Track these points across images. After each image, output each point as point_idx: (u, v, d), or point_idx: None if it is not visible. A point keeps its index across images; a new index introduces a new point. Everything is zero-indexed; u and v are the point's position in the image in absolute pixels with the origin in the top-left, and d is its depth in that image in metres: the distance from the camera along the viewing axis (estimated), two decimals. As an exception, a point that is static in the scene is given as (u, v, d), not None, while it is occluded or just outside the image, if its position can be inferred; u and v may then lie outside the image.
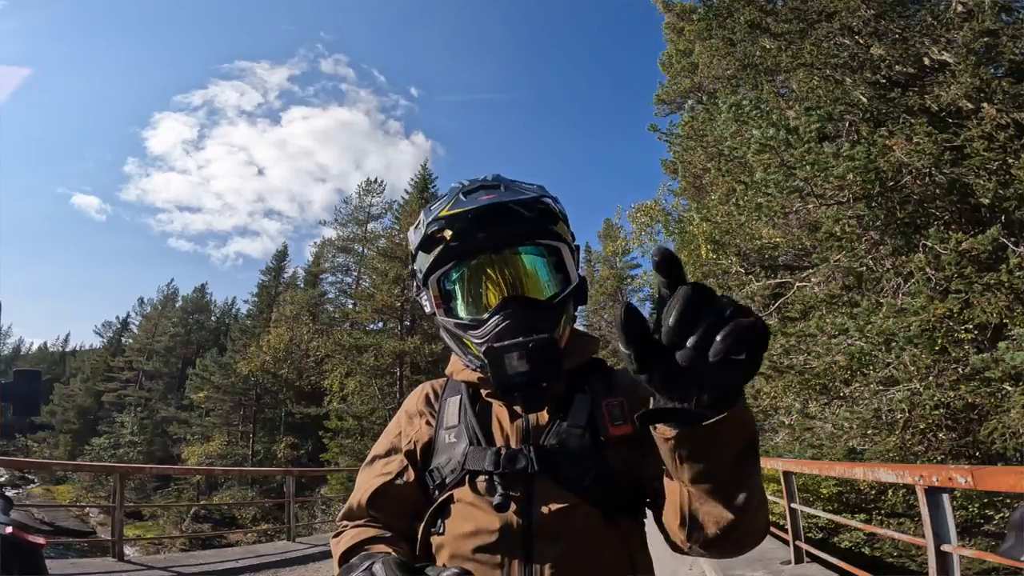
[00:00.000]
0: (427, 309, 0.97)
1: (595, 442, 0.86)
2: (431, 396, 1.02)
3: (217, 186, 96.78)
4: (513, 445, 0.88)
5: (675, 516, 0.76)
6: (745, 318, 0.51)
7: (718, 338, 0.51)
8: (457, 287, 0.94)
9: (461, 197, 0.90)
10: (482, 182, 0.93)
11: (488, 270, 0.91)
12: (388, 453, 0.99)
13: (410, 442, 0.96)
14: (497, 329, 0.86)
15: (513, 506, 0.82)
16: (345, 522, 0.96)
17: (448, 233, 0.89)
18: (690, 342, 0.52)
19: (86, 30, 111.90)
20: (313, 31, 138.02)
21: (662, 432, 0.62)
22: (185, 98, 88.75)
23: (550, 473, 0.84)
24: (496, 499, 0.81)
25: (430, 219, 0.90)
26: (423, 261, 0.93)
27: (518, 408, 0.91)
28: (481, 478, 0.86)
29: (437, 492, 0.90)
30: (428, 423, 0.97)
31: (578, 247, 1.00)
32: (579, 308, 1.00)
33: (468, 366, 0.96)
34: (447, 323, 0.93)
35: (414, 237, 0.94)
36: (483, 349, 0.85)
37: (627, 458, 0.87)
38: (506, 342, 0.82)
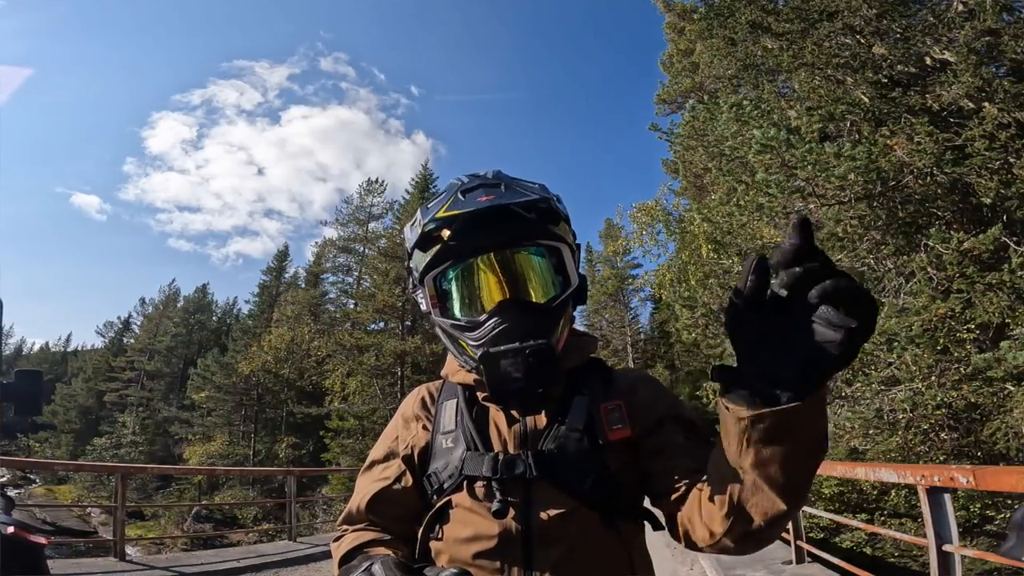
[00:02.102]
0: (423, 308, 0.95)
1: (594, 445, 0.85)
2: (427, 400, 1.01)
3: (217, 186, 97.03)
4: (511, 450, 0.87)
5: (720, 507, 0.72)
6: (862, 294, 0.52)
7: (828, 283, 0.52)
8: (453, 287, 0.91)
9: (460, 196, 0.87)
10: (482, 180, 0.90)
11: (486, 270, 0.89)
12: (386, 458, 0.98)
13: (407, 447, 0.95)
14: (493, 333, 0.84)
15: (512, 511, 0.81)
16: (345, 526, 0.96)
17: (446, 233, 0.87)
18: (813, 293, 0.54)
19: (84, 30, 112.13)
20: (312, 29, 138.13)
21: (735, 412, 0.61)
22: (184, 97, 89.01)
23: (549, 478, 0.83)
24: (494, 505, 0.80)
25: (427, 218, 0.87)
26: (419, 259, 0.91)
27: (515, 412, 0.90)
28: (479, 483, 0.85)
29: (435, 497, 0.89)
30: (425, 427, 0.96)
31: (579, 246, 0.98)
32: (578, 308, 0.98)
33: (464, 367, 0.94)
34: (443, 323, 0.91)
35: (411, 235, 0.92)
36: (479, 354, 0.83)
37: (626, 461, 0.87)
38: (502, 347, 0.80)
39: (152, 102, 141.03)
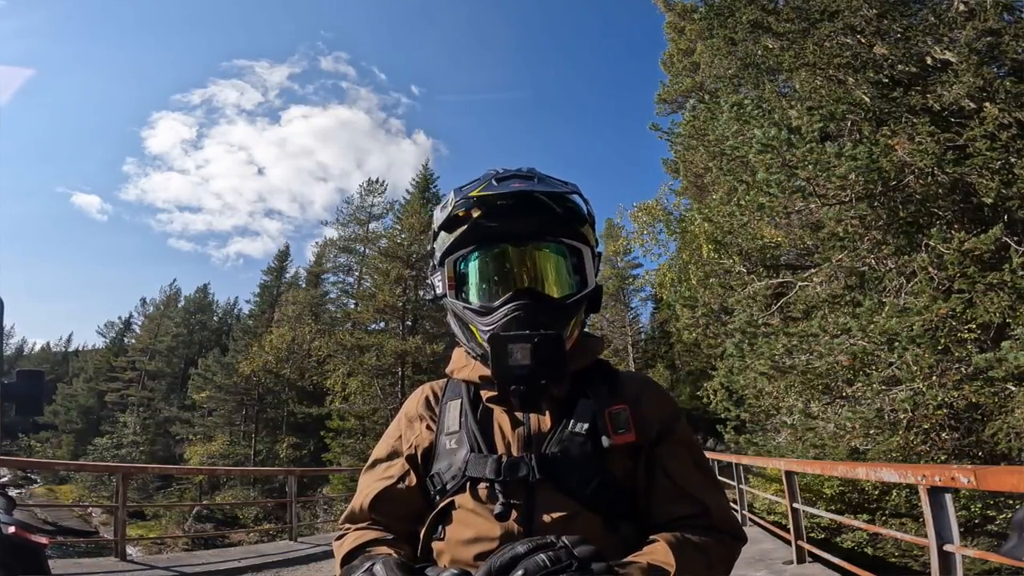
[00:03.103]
0: (438, 290, 0.96)
1: (598, 449, 0.85)
2: (431, 399, 1.01)
3: (217, 186, 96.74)
4: (515, 452, 0.87)
5: None
6: None
7: None
8: (473, 271, 0.93)
9: (494, 182, 0.89)
10: (516, 171, 0.92)
11: (507, 259, 0.91)
12: (389, 457, 0.98)
13: (411, 447, 0.96)
14: (506, 319, 0.85)
15: (514, 514, 0.81)
16: (348, 525, 0.96)
17: (475, 213, 0.89)
18: None
19: (84, 30, 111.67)
20: (313, 29, 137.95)
21: None
22: (184, 97, 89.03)
23: (551, 481, 0.83)
24: (497, 508, 0.80)
25: (459, 198, 0.89)
26: (443, 240, 0.93)
27: (518, 413, 0.90)
28: (482, 485, 0.85)
29: (438, 498, 0.89)
30: (429, 427, 0.96)
31: (600, 253, 0.99)
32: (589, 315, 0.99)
33: (470, 353, 0.95)
34: (456, 306, 0.93)
35: (440, 215, 0.93)
36: (488, 336, 0.84)
37: (629, 466, 0.87)
38: (512, 333, 0.82)
39: (152, 102, 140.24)
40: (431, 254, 0.98)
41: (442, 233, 0.93)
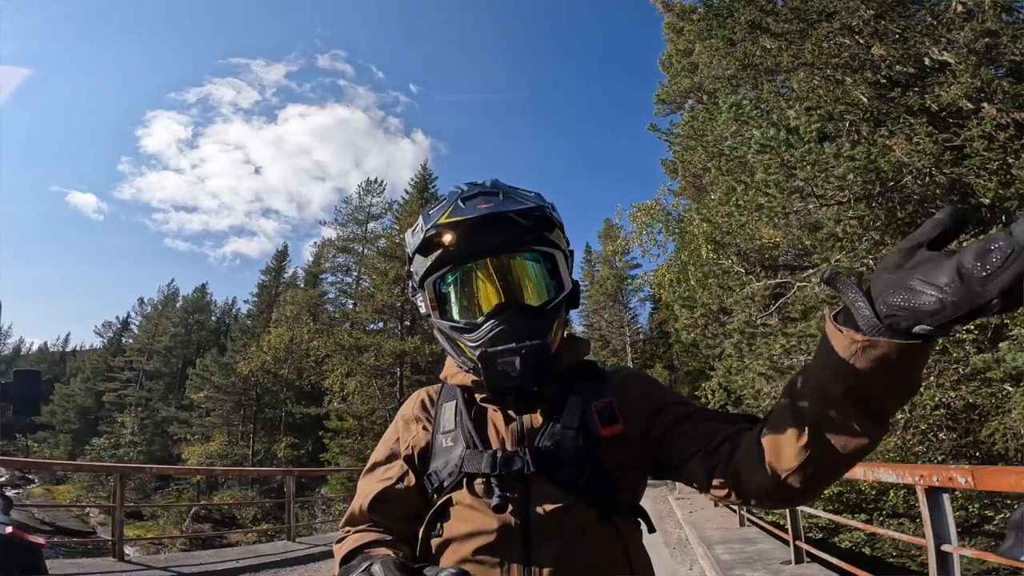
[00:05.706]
0: (422, 311, 0.99)
1: (588, 443, 0.88)
2: (427, 402, 1.03)
3: (213, 185, 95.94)
4: (509, 448, 0.89)
5: (795, 438, 0.69)
6: None
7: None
8: (452, 290, 0.95)
9: (460, 203, 0.90)
10: (480, 188, 0.94)
11: (483, 275, 0.93)
12: (388, 459, 1.00)
13: (408, 447, 0.98)
14: (491, 334, 0.87)
15: (511, 507, 0.83)
16: (348, 527, 0.97)
17: (446, 238, 0.90)
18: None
19: (79, 28, 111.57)
20: (310, 26, 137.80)
21: (848, 334, 0.60)
22: (179, 96, 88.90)
23: (546, 474, 0.85)
24: (494, 500, 0.82)
25: (428, 224, 0.91)
26: (420, 264, 0.95)
27: (512, 412, 0.92)
28: (479, 481, 0.87)
29: (436, 496, 0.91)
30: (425, 428, 0.99)
31: (572, 252, 1.02)
32: (575, 310, 1.02)
33: (462, 368, 0.97)
34: (442, 325, 0.95)
35: (412, 240, 0.95)
36: (477, 353, 0.87)
37: (620, 459, 0.89)
38: (500, 347, 0.85)
39: (147, 100, 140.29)
40: (410, 276, 1.00)
41: (417, 256, 0.95)
